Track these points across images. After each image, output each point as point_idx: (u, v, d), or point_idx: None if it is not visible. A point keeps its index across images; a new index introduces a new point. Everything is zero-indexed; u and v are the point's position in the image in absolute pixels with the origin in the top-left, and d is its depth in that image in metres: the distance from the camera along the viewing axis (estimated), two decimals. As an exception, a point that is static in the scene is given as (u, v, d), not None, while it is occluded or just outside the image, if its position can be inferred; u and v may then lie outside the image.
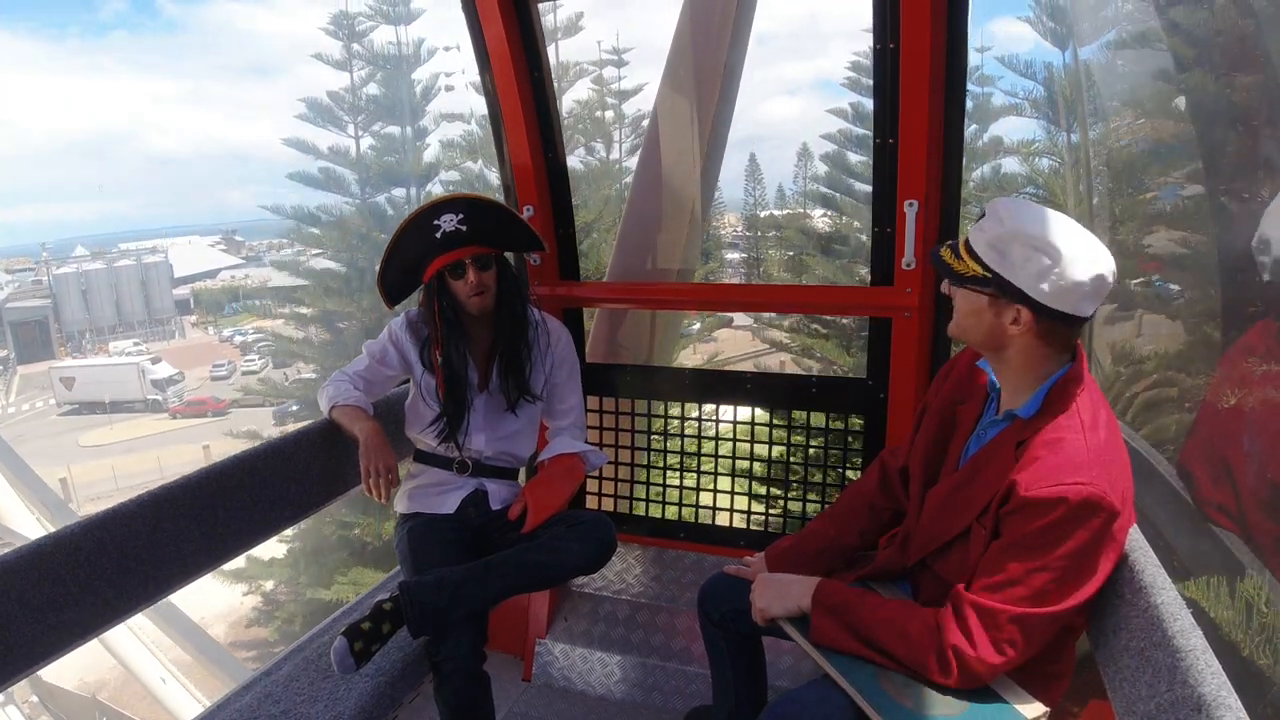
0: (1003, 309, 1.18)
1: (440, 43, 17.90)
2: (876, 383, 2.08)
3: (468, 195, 1.82)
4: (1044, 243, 1.13)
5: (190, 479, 1.58)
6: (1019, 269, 1.14)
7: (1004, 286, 1.16)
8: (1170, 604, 1.04)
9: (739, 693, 1.64)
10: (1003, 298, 1.17)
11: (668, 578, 2.31)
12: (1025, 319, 1.16)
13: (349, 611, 2.00)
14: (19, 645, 1.25)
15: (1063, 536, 1.11)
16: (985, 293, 1.18)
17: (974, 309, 1.21)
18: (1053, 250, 1.12)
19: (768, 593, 1.38)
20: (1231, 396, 3.55)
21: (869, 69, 1.97)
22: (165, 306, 43.74)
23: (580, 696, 2.19)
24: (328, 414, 1.86)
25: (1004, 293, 1.16)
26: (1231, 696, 0.88)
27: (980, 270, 1.17)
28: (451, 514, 1.87)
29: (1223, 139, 4.01)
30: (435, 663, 1.62)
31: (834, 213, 14.83)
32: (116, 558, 1.40)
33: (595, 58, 19.16)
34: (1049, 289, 1.13)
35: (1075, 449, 1.13)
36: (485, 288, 1.79)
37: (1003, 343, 1.21)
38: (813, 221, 16.77)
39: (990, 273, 1.16)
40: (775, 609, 1.36)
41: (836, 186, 14.53)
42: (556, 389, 1.98)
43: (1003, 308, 1.18)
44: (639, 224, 3.75)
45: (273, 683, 1.68)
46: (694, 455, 2.51)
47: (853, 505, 1.58)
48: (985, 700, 1.19)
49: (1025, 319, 1.16)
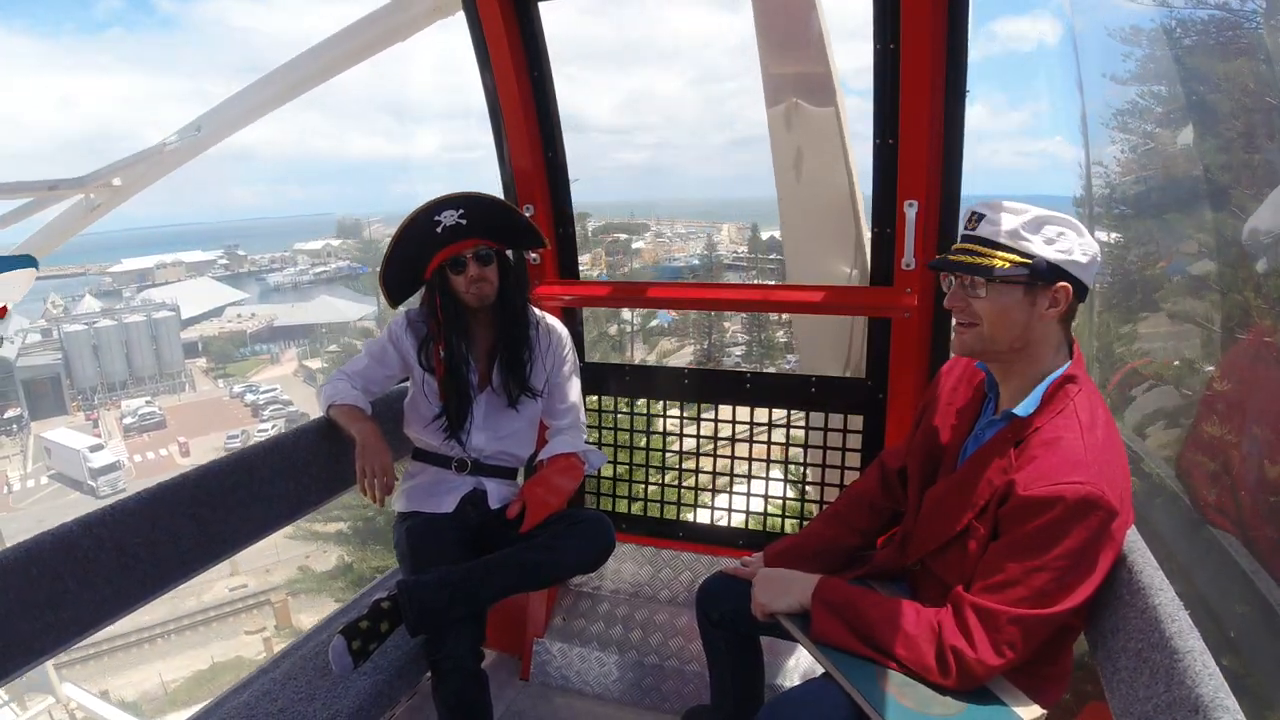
0: (1039, 295, 1.19)
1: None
2: (876, 383, 2.08)
3: (469, 192, 1.81)
4: (1063, 219, 1.18)
5: (188, 477, 1.58)
6: (1055, 246, 1.17)
7: (1044, 268, 1.17)
8: (1168, 605, 1.04)
9: (737, 692, 1.64)
10: (1039, 283, 1.18)
11: (666, 577, 2.31)
12: (1065, 297, 1.18)
13: (347, 610, 2.00)
14: (17, 642, 1.25)
15: (1061, 535, 1.11)
16: (1020, 282, 1.18)
17: (1009, 305, 1.20)
18: (1072, 224, 1.18)
19: (770, 588, 1.38)
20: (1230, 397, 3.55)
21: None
22: (175, 360, 44.02)
23: (578, 696, 2.19)
24: (325, 413, 1.86)
25: (1042, 276, 1.17)
26: (1229, 698, 0.88)
27: (1017, 259, 1.18)
28: (450, 513, 1.87)
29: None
30: (433, 662, 1.62)
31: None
32: (115, 555, 1.40)
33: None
34: (1084, 259, 1.17)
35: (1073, 448, 1.14)
36: (486, 280, 1.79)
37: (1031, 336, 1.21)
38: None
39: (1029, 257, 1.17)
40: (777, 604, 1.36)
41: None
42: (556, 388, 1.98)
43: (1039, 294, 1.19)
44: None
45: (270, 680, 1.68)
46: (693, 455, 2.51)
47: (852, 505, 1.58)
48: (983, 701, 1.19)
49: (1065, 297, 1.18)
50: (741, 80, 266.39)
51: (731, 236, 64.00)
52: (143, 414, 38.34)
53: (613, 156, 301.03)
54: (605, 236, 35.34)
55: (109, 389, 41.64)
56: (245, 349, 46.77)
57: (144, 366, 42.72)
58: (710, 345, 33.70)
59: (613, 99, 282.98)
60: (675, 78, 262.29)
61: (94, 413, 39.89)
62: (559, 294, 2.30)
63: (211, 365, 45.54)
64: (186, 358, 44.95)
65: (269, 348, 46.89)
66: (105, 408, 40.39)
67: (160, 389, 42.54)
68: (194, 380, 44.23)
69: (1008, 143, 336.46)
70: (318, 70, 3.15)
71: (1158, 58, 4.25)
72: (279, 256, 64.18)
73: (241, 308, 51.20)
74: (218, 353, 45.80)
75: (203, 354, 46.19)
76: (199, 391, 43.05)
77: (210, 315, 49.31)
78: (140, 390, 41.96)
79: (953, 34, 1.72)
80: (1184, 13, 3.83)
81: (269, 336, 47.55)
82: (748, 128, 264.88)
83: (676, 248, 57.37)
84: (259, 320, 48.61)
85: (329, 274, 59.22)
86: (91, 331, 42.04)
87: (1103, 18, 5.04)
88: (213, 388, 43.40)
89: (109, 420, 38.96)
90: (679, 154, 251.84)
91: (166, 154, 3.52)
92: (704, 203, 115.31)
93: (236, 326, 48.36)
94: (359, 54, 3.07)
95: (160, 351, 43.37)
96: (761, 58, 2.38)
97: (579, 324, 2.42)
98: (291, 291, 57.45)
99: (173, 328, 44.10)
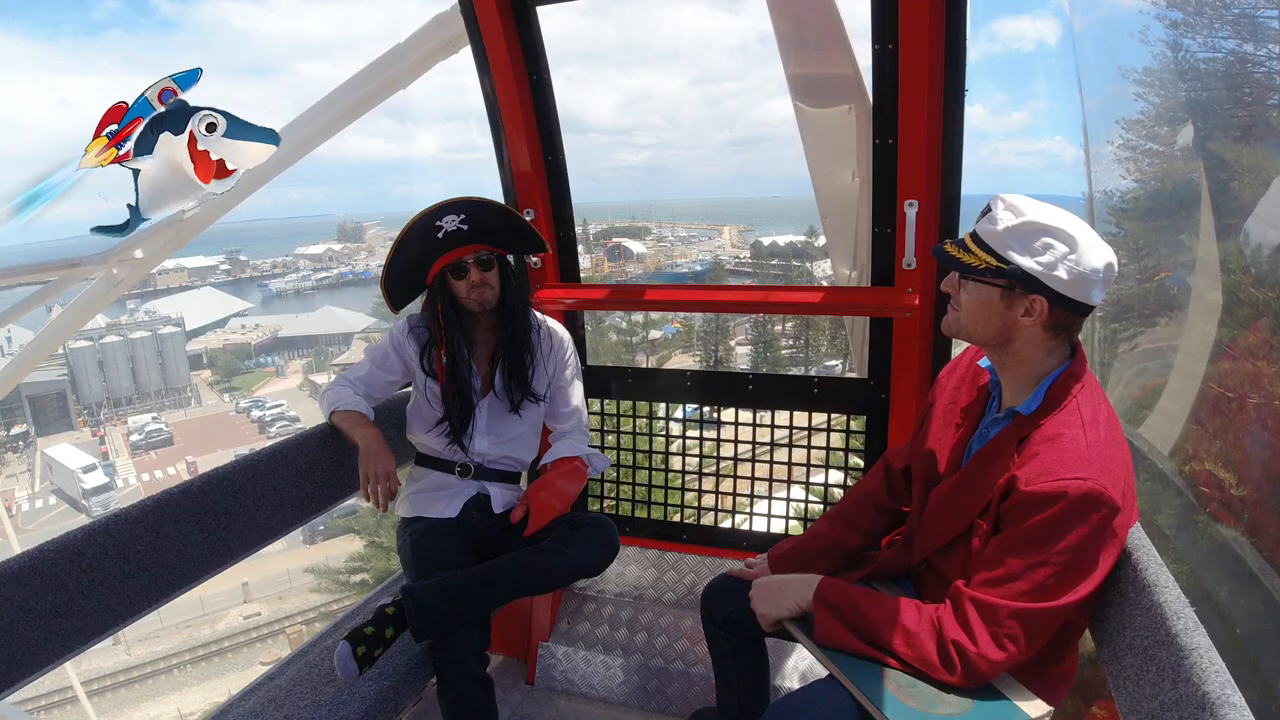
0: (1015, 301, 1.18)
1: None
2: (878, 383, 2.08)
3: (470, 197, 1.82)
4: (1060, 231, 1.14)
5: (192, 484, 1.58)
6: (1037, 258, 1.14)
7: (1020, 277, 1.15)
8: (1173, 602, 1.04)
9: (743, 694, 1.64)
10: (1016, 289, 1.17)
11: (670, 580, 2.31)
12: (1040, 309, 1.16)
13: (352, 616, 2.00)
14: (22, 651, 1.25)
15: (1063, 531, 1.11)
16: (997, 285, 1.18)
17: (983, 303, 1.20)
18: (1068, 238, 1.14)
19: (767, 598, 1.38)
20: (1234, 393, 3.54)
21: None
22: (181, 375, 43.92)
23: (583, 699, 2.18)
24: (328, 419, 1.86)
25: (1019, 283, 1.16)
26: (1236, 695, 0.87)
27: (994, 262, 1.17)
28: (454, 518, 1.87)
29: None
30: (438, 667, 1.62)
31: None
32: (119, 563, 1.40)
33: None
34: (1067, 276, 1.14)
35: (1075, 445, 1.13)
36: (488, 284, 1.79)
37: (1010, 336, 1.21)
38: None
39: (1005, 263, 1.16)
40: (777, 611, 1.35)
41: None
42: (559, 392, 1.98)
43: (1015, 299, 1.18)
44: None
45: (276, 687, 1.68)
46: (696, 457, 2.51)
47: (857, 506, 1.58)
48: (989, 699, 1.19)
49: (1040, 309, 1.16)
50: (742, 80, 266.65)
51: (733, 240, 63.95)
52: (150, 431, 38.14)
53: (613, 157, 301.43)
54: (606, 241, 35.31)
55: (115, 404, 41.55)
56: (250, 361, 46.70)
57: (150, 382, 42.65)
58: (716, 363, 33.56)
59: (612, 99, 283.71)
60: (675, 78, 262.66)
61: (100, 429, 39.69)
62: (560, 297, 2.31)
63: (217, 378, 45.45)
64: (191, 369, 44.88)
65: (273, 360, 46.82)
66: (112, 424, 40.25)
67: (166, 404, 42.45)
68: (200, 395, 44.15)
69: (1008, 143, 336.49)
70: (326, 124, 3.06)
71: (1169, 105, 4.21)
72: (280, 261, 64.22)
73: (245, 318, 51.19)
74: (224, 367, 45.74)
75: (208, 366, 46.12)
76: (205, 406, 42.93)
77: (214, 326, 49.29)
78: (146, 406, 41.86)
79: (952, 34, 1.72)
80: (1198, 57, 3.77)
81: (273, 348, 47.53)
82: (748, 128, 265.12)
83: (678, 253, 57.45)
84: (263, 331, 48.53)
85: (331, 280, 59.49)
86: (97, 347, 42.06)
87: (1103, 17, 5.02)
88: (219, 402, 43.23)
89: (116, 437, 38.78)
90: (679, 154, 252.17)
91: (187, 221, 3.47)
92: (704, 204, 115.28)
93: (241, 338, 48.27)
94: (363, 107, 3.00)
95: (166, 366, 43.34)
96: (783, 58, 2.36)
97: (580, 327, 2.42)
98: (294, 298, 57.53)
99: (178, 342, 44.11)
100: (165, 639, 21.65)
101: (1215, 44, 3.52)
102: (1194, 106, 3.81)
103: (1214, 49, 3.53)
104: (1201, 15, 3.56)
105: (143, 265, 3.63)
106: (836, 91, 2.35)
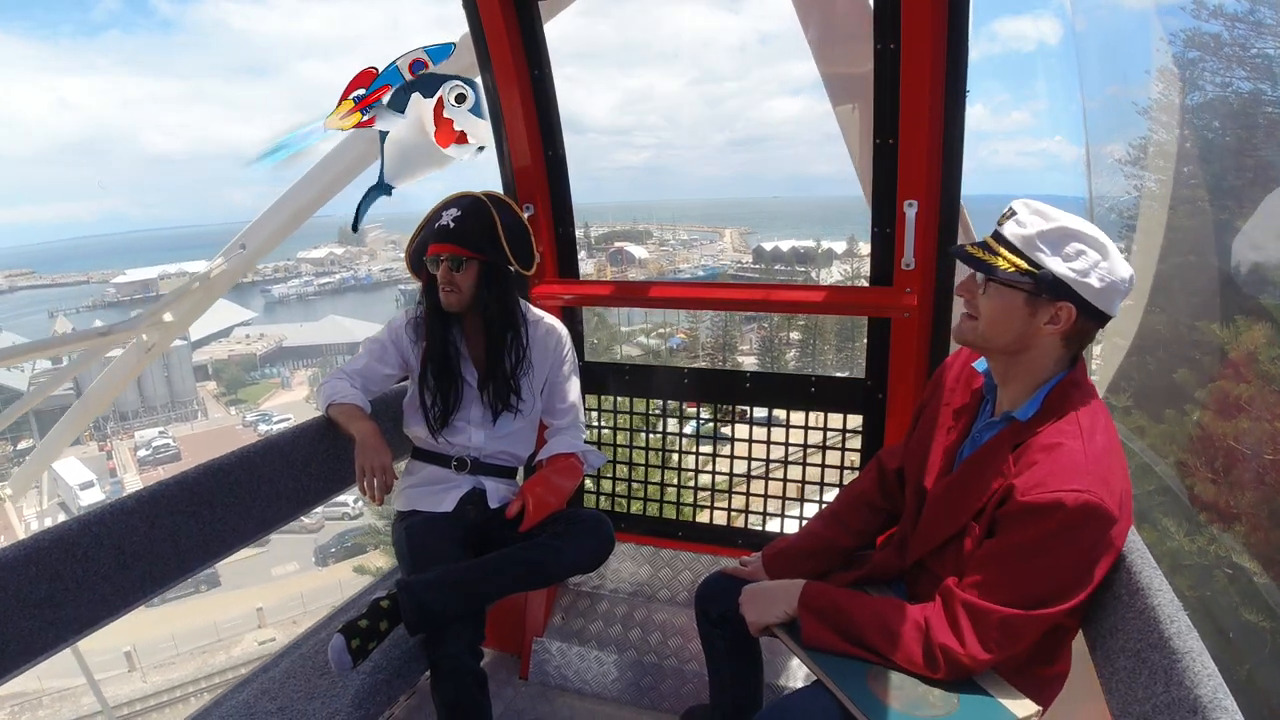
0: (1040, 308, 1.15)
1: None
2: (875, 382, 2.08)
3: (483, 196, 1.82)
4: (1092, 239, 1.12)
5: (188, 475, 1.58)
6: (1070, 263, 1.12)
7: (1050, 282, 1.13)
8: (1167, 605, 1.04)
9: (736, 692, 1.64)
10: (1043, 295, 1.14)
11: (665, 577, 2.31)
12: (1066, 317, 1.14)
13: (346, 608, 2.00)
14: (15, 641, 1.25)
15: (1059, 542, 1.10)
16: (1023, 289, 1.15)
17: (1006, 308, 1.17)
18: (1100, 245, 1.12)
19: (756, 605, 1.38)
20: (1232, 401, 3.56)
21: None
22: (187, 388, 43.42)
23: (577, 695, 2.19)
24: (324, 412, 1.86)
25: (1047, 290, 1.14)
26: (1228, 699, 0.87)
27: (1025, 265, 1.15)
28: (450, 512, 1.87)
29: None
30: (433, 661, 1.62)
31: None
32: (114, 553, 1.40)
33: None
34: (1099, 285, 1.12)
35: (1073, 455, 1.12)
36: (454, 287, 1.78)
37: (1027, 345, 1.19)
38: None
39: (1036, 267, 1.14)
40: (766, 618, 1.35)
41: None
42: (555, 387, 1.98)
43: (1040, 306, 1.15)
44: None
45: (270, 679, 1.68)
46: (692, 454, 2.51)
47: (850, 506, 1.58)
48: (976, 699, 1.19)
49: (1066, 317, 1.14)
50: (742, 80, 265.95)
51: (734, 244, 63.82)
52: (157, 446, 37.47)
53: (612, 158, 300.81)
54: (608, 246, 35.06)
55: (121, 418, 41.01)
56: (255, 372, 46.25)
57: (156, 395, 42.16)
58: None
59: (612, 99, 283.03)
60: (675, 78, 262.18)
61: (106, 444, 39.04)
62: (558, 293, 2.30)
63: (223, 391, 45.05)
64: (197, 381, 44.53)
65: (278, 370, 46.46)
66: (118, 438, 39.71)
67: (173, 417, 42.07)
68: (206, 408, 43.74)
69: (1008, 143, 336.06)
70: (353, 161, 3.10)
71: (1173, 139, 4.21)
72: (282, 266, 63.66)
73: (250, 328, 50.70)
74: (230, 379, 45.30)
75: (213, 378, 45.72)
76: (211, 419, 42.41)
77: (219, 336, 48.78)
78: (153, 419, 41.41)
79: (953, 34, 1.72)
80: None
81: (278, 358, 47.17)
82: (747, 128, 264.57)
83: (680, 258, 57.31)
84: (268, 341, 48.06)
85: (334, 285, 59.41)
86: (103, 361, 41.94)
87: (1104, 18, 5.02)
88: (225, 415, 42.69)
89: (123, 451, 38.28)
90: (679, 155, 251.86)
91: (214, 279, 3.47)
92: (704, 204, 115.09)
93: (246, 349, 47.77)
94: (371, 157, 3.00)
95: (172, 380, 42.83)
96: (816, 60, 2.34)
97: (579, 323, 2.42)
98: (297, 304, 57.20)
99: (184, 355, 43.68)
100: (181, 665, 21.35)
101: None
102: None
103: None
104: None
105: (172, 329, 3.62)
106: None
